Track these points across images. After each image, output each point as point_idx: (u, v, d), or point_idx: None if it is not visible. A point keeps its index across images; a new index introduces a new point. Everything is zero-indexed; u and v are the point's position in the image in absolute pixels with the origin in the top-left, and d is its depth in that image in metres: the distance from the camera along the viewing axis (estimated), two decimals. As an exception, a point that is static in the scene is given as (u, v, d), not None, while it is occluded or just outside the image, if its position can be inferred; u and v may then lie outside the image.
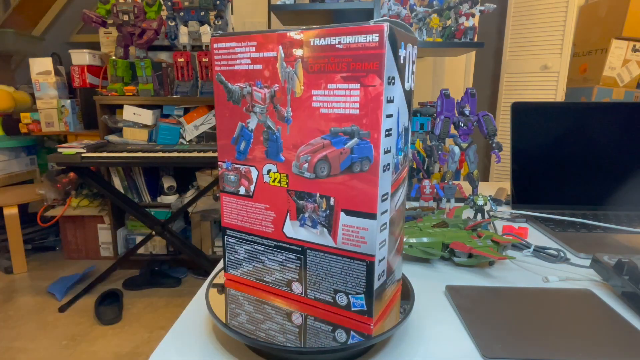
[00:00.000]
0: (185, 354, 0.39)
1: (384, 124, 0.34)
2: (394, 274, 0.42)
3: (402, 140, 0.39)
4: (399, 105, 0.36)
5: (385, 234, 0.38)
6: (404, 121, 0.38)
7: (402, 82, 0.36)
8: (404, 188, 0.41)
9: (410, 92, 0.39)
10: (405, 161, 0.41)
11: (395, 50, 0.34)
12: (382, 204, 0.36)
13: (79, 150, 1.71)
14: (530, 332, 0.41)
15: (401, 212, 0.42)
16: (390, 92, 0.34)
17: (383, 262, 0.38)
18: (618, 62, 2.32)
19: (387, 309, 0.41)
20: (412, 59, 0.38)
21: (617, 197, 0.83)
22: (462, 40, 1.71)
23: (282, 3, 1.74)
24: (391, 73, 0.34)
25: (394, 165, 0.37)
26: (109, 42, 2.36)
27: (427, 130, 0.94)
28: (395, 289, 0.44)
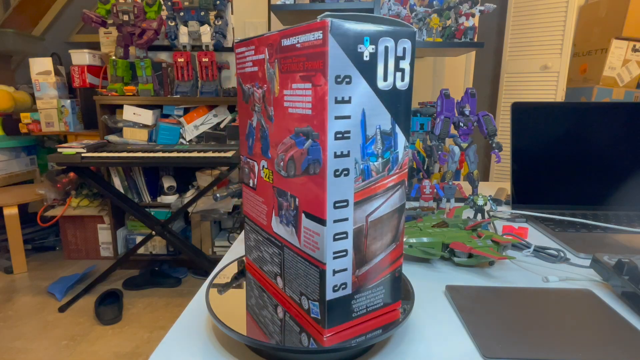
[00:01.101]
0: (185, 354, 0.39)
1: (332, 125, 0.32)
2: (375, 296, 0.38)
3: (380, 145, 0.35)
4: (365, 106, 0.34)
5: (344, 244, 0.35)
6: (380, 124, 0.35)
7: (371, 81, 0.33)
8: (392, 198, 0.37)
9: (397, 91, 0.35)
10: (388, 168, 0.36)
11: (351, 47, 0.32)
12: (335, 211, 0.34)
13: (79, 150, 1.71)
14: (530, 332, 0.41)
15: (387, 226, 0.37)
16: (343, 92, 0.32)
17: (342, 274, 0.36)
18: (618, 62, 2.32)
19: (363, 327, 0.38)
20: (399, 54, 0.34)
21: (617, 197, 0.83)
22: (462, 40, 1.71)
23: (282, 3, 1.74)
24: (344, 72, 0.32)
25: (359, 171, 0.34)
26: (109, 42, 2.36)
27: (427, 130, 0.94)
28: (383, 312, 0.40)
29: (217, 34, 2.04)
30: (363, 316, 0.38)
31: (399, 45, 0.34)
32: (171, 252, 2.34)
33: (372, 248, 0.37)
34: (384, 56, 0.33)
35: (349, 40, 0.32)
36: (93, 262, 2.39)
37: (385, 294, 0.39)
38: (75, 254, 2.43)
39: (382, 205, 0.36)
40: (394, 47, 0.34)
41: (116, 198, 1.93)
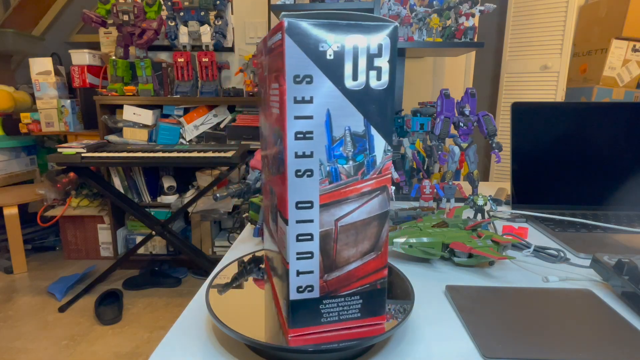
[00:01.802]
0: (185, 354, 0.39)
1: (291, 125, 0.32)
2: (349, 305, 0.37)
3: (350, 147, 0.34)
4: (330, 106, 0.33)
5: (309, 246, 0.35)
6: (349, 125, 0.33)
7: (337, 80, 0.32)
8: (369, 205, 0.35)
9: (371, 91, 0.33)
10: (362, 172, 0.35)
11: (311, 46, 0.31)
12: (297, 212, 0.34)
13: (79, 150, 1.71)
14: (530, 332, 0.41)
15: (362, 233, 0.35)
16: (303, 91, 0.32)
17: (307, 277, 0.35)
18: (618, 62, 2.32)
19: (336, 335, 0.36)
20: (373, 52, 0.32)
21: (617, 197, 0.83)
22: (462, 40, 1.71)
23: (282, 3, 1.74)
24: (303, 71, 0.31)
25: (325, 173, 0.34)
26: (109, 42, 2.36)
27: (427, 130, 0.94)
28: (362, 323, 0.38)
29: (217, 34, 2.04)
30: (335, 323, 0.37)
31: (373, 42, 0.32)
32: (171, 252, 2.34)
33: (344, 254, 0.36)
34: (352, 54, 0.32)
35: (308, 40, 0.31)
36: (93, 262, 2.39)
37: (363, 305, 0.37)
38: (75, 254, 2.43)
39: (355, 210, 0.35)
40: (366, 44, 0.32)
41: (116, 198, 1.93)
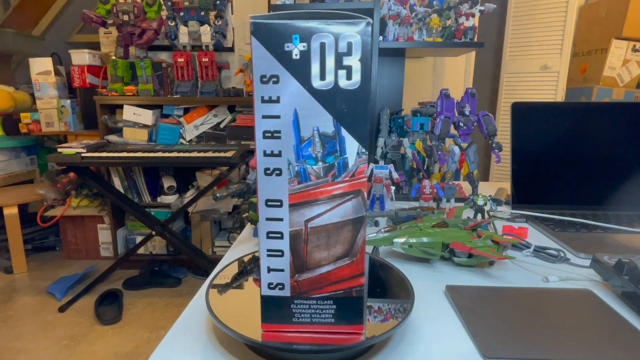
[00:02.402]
0: (185, 354, 0.39)
1: (260, 124, 0.33)
2: (322, 309, 0.37)
3: (319, 148, 0.33)
4: (297, 106, 0.33)
5: (279, 244, 0.35)
6: (318, 126, 0.33)
7: (303, 80, 0.32)
8: (341, 208, 0.34)
9: (341, 91, 0.32)
10: (333, 174, 0.34)
11: (277, 45, 0.32)
12: (267, 209, 0.34)
13: (79, 150, 1.71)
14: (530, 332, 0.41)
15: (335, 237, 0.35)
16: (270, 91, 0.32)
17: (278, 274, 0.36)
18: (618, 62, 2.32)
19: (310, 338, 0.36)
20: (342, 50, 0.31)
21: (617, 197, 0.83)
22: (462, 40, 1.71)
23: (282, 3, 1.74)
24: (269, 71, 0.32)
25: (293, 173, 0.34)
26: (109, 42, 2.36)
27: (427, 130, 0.94)
28: (337, 329, 0.37)
29: (217, 34, 2.04)
30: (307, 325, 0.37)
31: (341, 40, 0.31)
32: (171, 252, 2.34)
33: (315, 256, 0.35)
34: (319, 53, 0.31)
35: (274, 40, 0.31)
36: (93, 262, 2.39)
37: (337, 311, 0.37)
38: (75, 254, 2.43)
39: (326, 213, 0.34)
40: (334, 43, 0.31)
41: (116, 198, 1.93)
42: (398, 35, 1.74)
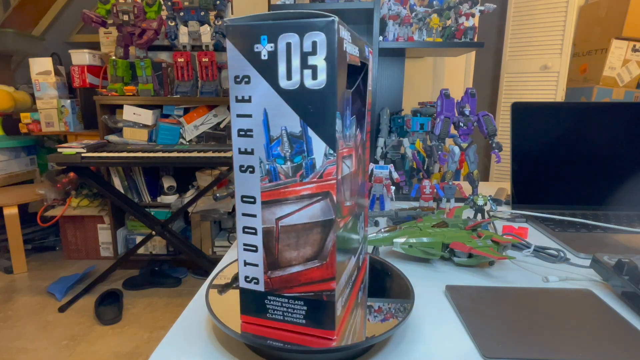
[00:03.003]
0: (185, 354, 0.39)
1: (235, 123, 0.34)
2: (293, 308, 0.37)
3: (287, 147, 0.33)
4: (266, 106, 0.33)
5: (253, 240, 0.36)
6: (285, 125, 0.33)
7: (272, 80, 0.32)
8: (310, 209, 0.34)
9: (307, 90, 0.32)
10: (301, 174, 0.34)
11: (247, 47, 0.32)
12: (242, 205, 0.36)
13: (79, 150, 1.71)
14: (530, 332, 0.41)
15: (304, 238, 0.35)
16: (242, 91, 0.33)
17: (253, 269, 0.37)
18: (618, 62, 2.32)
19: (282, 334, 0.37)
20: (307, 50, 0.31)
21: (617, 197, 0.83)
22: (462, 40, 1.71)
23: (282, 3, 1.74)
24: (242, 72, 0.33)
25: (264, 171, 0.34)
26: (109, 42, 2.36)
27: (427, 130, 0.94)
28: (308, 331, 0.37)
29: (217, 34, 2.04)
30: (280, 322, 0.38)
31: (306, 39, 0.31)
32: (171, 252, 2.34)
33: (286, 255, 0.36)
34: (285, 53, 0.32)
35: (244, 41, 0.32)
36: (93, 262, 2.39)
37: (308, 312, 0.36)
38: (75, 254, 2.43)
39: (295, 212, 0.34)
40: (299, 42, 0.31)
41: (116, 198, 1.93)
42: (398, 35, 1.74)
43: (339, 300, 0.37)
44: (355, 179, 0.42)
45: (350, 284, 0.42)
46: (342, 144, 0.35)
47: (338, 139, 0.33)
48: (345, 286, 0.39)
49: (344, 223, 0.37)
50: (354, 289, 0.44)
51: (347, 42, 0.33)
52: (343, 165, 0.36)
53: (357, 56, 0.38)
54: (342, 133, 0.34)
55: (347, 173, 0.37)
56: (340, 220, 0.36)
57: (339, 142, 0.34)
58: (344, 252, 0.38)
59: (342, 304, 0.38)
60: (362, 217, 0.47)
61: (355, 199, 0.43)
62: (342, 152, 0.35)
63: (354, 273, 0.43)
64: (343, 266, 0.38)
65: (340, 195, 0.35)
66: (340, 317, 0.37)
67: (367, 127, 0.47)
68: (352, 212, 0.41)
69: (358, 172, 0.43)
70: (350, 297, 0.42)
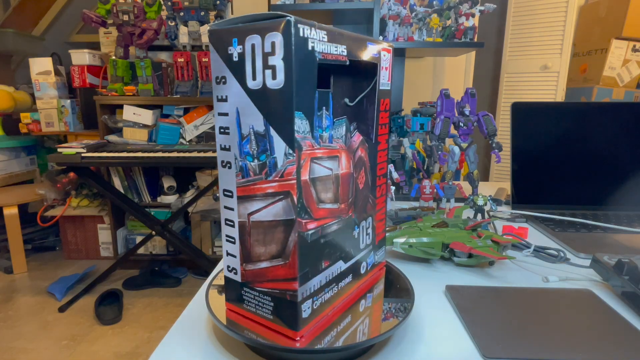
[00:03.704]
0: (185, 354, 0.39)
1: (217, 121, 0.37)
2: (263, 303, 0.37)
3: (252, 146, 0.35)
4: (238, 105, 0.35)
5: (232, 231, 0.38)
6: (252, 124, 0.34)
7: (241, 81, 0.34)
8: (274, 207, 0.35)
9: (268, 90, 0.33)
10: (266, 172, 0.34)
11: (223, 49, 0.34)
12: (224, 198, 0.38)
13: (79, 150, 1.71)
14: (530, 332, 0.41)
15: (270, 235, 0.35)
16: (221, 91, 0.36)
17: (232, 259, 0.39)
18: (618, 62, 2.32)
19: (256, 326, 0.38)
20: (267, 50, 0.32)
21: (617, 197, 0.83)
22: (462, 40, 1.71)
23: (282, 3, 1.74)
24: (220, 73, 0.35)
25: (238, 167, 0.36)
26: (109, 42, 2.36)
27: (427, 130, 0.94)
28: (275, 328, 0.37)
29: (217, 34, 2.04)
30: (253, 314, 0.39)
31: (266, 40, 0.32)
32: (171, 252, 2.34)
33: (256, 250, 0.37)
34: (251, 54, 0.33)
35: (221, 44, 0.34)
36: (93, 262, 2.39)
37: (275, 308, 0.37)
38: (75, 254, 2.43)
39: (262, 209, 0.35)
40: (261, 43, 0.32)
41: (116, 198, 1.93)
42: (398, 35, 1.74)
43: (307, 302, 0.36)
44: (348, 182, 0.40)
45: (336, 288, 0.40)
46: (311, 144, 0.34)
47: (302, 139, 0.33)
48: (320, 290, 0.38)
49: (317, 225, 0.36)
50: (348, 295, 0.43)
51: (317, 41, 0.33)
52: (316, 167, 0.35)
53: (341, 55, 0.37)
54: (310, 133, 0.34)
55: (325, 175, 0.37)
56: (309, 222, 0.35)
57: (306, 142, 0.34)
58: (321, 255, 0.37)
59: (314, 307, 0.37)
60: (367, 222, 0.45)
61: (348, 203, 0.41)
62: (312, 152, 0.35)
63: (344, 279, 0.42)
64: (316, 269, 0.37)
65: (306, 196, 0.34)
66: (308, 320, 0.37)
67: (378, 128, 0.45)
68: (337, 216, 0.39)
69: (356, 175, 0.42)
70: (335, 302, 0.41)
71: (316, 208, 0.36)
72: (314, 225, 0.36)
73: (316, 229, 0.36)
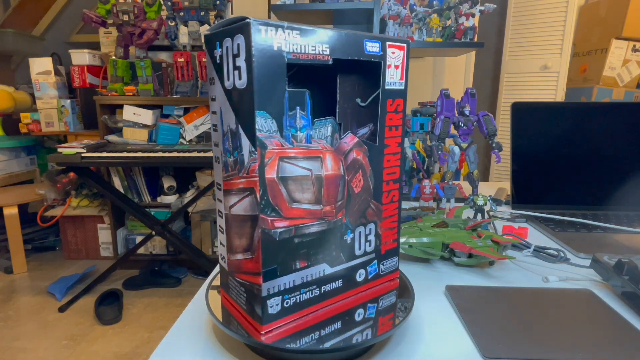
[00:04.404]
0: (185, 354, 0.39)
1: (210, 119, 0.40)
2: (239, 292, 0.39)
3: (229, 143, 0.36)
4: (221, 104, 0.37)
5: (221, 222, 0.40)
6: (229, 122, 0.36)
7: (221, 81, 0.36)
8: (243, 202, 0.36)
9: (237, 90, 0.34)
10: (238, 168, 0.36)
11: (211, 52, 0.37)
12: (217, 191, 0.40)
13: (79, 150, 1.71)
14: (530, 332, 0.41)
15: (242, 228, 0.37)
16: (212, 91, 0.38)
17: (222, 248, 0.41)
18: (618, 62, 2.32)
19: (238, 314, 0.39)
20: (235, 52, 0.33)
21: (617, 197, 0.83)
22: (462, 40, 1.71)
23: (282, 3, 1.74)
24: (211, 74, 0.38)
25: (222, 162, 0.38)
26: (109, 42, 2.36)
27: (427, 130, 0.94)
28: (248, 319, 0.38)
29: (217, 34, 2.04)
30: (235, 303, 0.41)
31: (234, 43, 0.33)
32: (171, 252, 2.34)
33: (234, 242, 0.39)
34: (226, 56, 0.35)
35: (210, 47, 0.37)
36: (93, 262, 2.39)
37: (247, 300, 0.38)
38: (75, 254, 2.43)
39: (237, 203, 0.37)
40: (231, 46, 0.34)
41: (116, 198, 1.93)
42: (398, 35, 1.74)
43: (275, 298, 0.36)
44: (336, 184, 0.39)
45: (317, 291, 0.40)
46: (279, 143, 0.35)
47: (266, 137, 0.34)
48: (294, 289, 0.38)
49: (289, 225, 0.36)
50: (338, 300, 0.42)
51: (285, 42, 0.33)
52: (288, 166, 0.35)
53: (321, 54, 0.36)
54: (278, 132, 0.34)
55: (301, 175, 0.36)
56: (277, 220, 0.35)
57: (272, 142, 0.34)
58: (294, 254, 0.37)
59: (285, 305, 0.37)
60: (367, 229, 0.43)
61: (336, 206, 0.40)
62: (281, 151, 0.35)
63: (330, 283, 0.41)
64: (288, 268, 0.37)
65: (273, 194, 0.35)
66: (277, 317, 0.37)
67: (385, 131, 0.42)
68: (320, 218, 0.38)
69: (350, 178, 0.40)
70: (318, 305, 0.40)
71: (287, 207, 0.36)
72: (284, 224, 0.36)
73: (288, 228, 0.36)
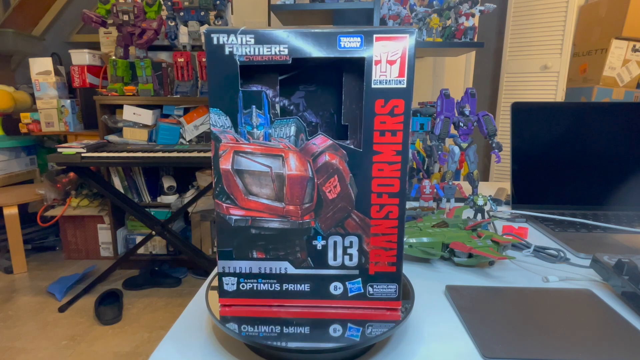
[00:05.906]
0: (185, 354, 0.39)
1: None
2: None
3: None
4: None
5: None
6: None
7: None
8: None
9: None
10: None
11: None
12: None
13: (79, 150, 1.71)
14: (530, 332, 0.41)
15: None
16: None
17: None
18: (618, 62, 2.32)
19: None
20: None
21: (617, 197, 0.83)
22: (462, 40, 1.71)
23: (282, 3, 1.74)
24: None
25: None
26: (109, 42, 2.36)
27: (427, 130, 0.94)
28: None
29: (217, 34, 2.04)
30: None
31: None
32: (171, 252, 2.34)
33: None
34: None
35: None
36: (93, 262, 2.39)
37: None
38: (75, 254, 2.43)
39: None
40: None
41: (116, 198, 1.93)
42: (398, 35, 1.74)
43: (230, 277, 0.41)
44: (302, 185, 0.38)
45: (278, 287, 0.41)
46: (233, 138, 0.38)
47: (220, 132, 0.37)
48: (250, 276, 0.41)
49: (245, 214, 0.39)
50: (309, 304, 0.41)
51: (238, 46, 0.36)
52: (244, 160, 0.38)
53: (279, 55, 0.35)
54: (233, 128, 0.37)
55: (259, 170, 0.38)
56: (232, 208, 0.39)
57: (226, 136, 0.37)
58: (250, 244, 0.40)
59: (241, 287, 0.41)
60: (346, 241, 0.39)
61: (302, 207, 0.39)
62: (236, 146, 0.38)
63: (293, 283, 0.41)
64: (244, 254, 0.40)
65: (228, 184, 0.39)
66: (232, 295, 0.41)
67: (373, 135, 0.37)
68: (281, 215, 0.39)
69: (321, 181, 0.38)
70: (279, 300, 0.41)
71: (243, 198, 0.39)
72: (240, 213, 0.39)
73: (244, 217, 0.39)
